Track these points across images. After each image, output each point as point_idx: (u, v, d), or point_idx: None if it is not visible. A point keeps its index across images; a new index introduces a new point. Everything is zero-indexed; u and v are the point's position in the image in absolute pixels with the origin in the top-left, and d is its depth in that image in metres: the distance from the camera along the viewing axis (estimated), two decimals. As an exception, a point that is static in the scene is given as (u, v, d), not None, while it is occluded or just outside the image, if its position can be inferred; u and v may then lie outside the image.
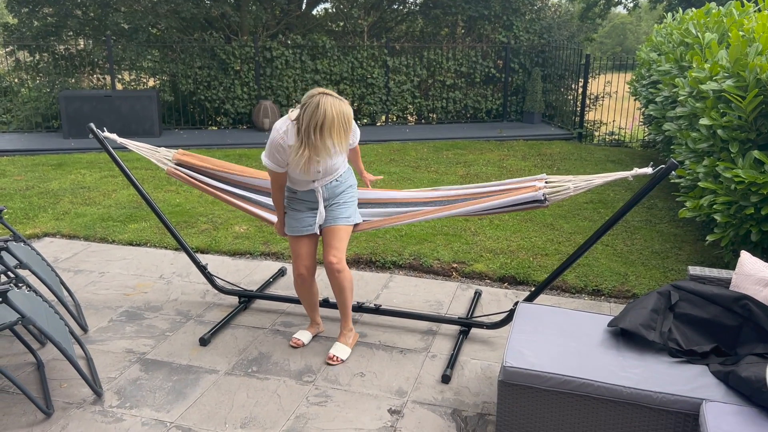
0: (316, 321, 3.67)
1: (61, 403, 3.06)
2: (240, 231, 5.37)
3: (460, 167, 7.61)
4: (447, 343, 3.63)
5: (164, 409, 3.01)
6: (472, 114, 10.94)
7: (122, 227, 5.45)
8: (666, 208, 6.00)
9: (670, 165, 2.90)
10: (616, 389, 2.47)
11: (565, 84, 10.27)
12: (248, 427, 2.88)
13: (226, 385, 3.21)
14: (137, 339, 3.65)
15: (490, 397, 3.13)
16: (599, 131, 10.65)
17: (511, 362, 2.62)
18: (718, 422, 2.24)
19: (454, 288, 4.35)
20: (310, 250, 3.43)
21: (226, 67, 9.99)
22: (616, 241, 5.13)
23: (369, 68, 10.29)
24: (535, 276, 4.46)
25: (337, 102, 2.95)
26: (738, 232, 3.84)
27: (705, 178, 4.16)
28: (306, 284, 3.47)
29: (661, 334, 2.74)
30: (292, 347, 3.56)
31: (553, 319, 2.99)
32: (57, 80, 9.97)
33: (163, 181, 6.90)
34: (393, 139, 9.27)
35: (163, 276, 4.52)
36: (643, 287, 4.28)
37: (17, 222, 5.56)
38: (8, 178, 7.04)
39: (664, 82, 5.96)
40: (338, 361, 3.41)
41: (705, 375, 2.55)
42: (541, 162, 7.89)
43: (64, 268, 4.66)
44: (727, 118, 3.95)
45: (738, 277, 2.87)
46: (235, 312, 3.92)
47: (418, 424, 2.91)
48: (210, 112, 10.27)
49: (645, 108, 7.42)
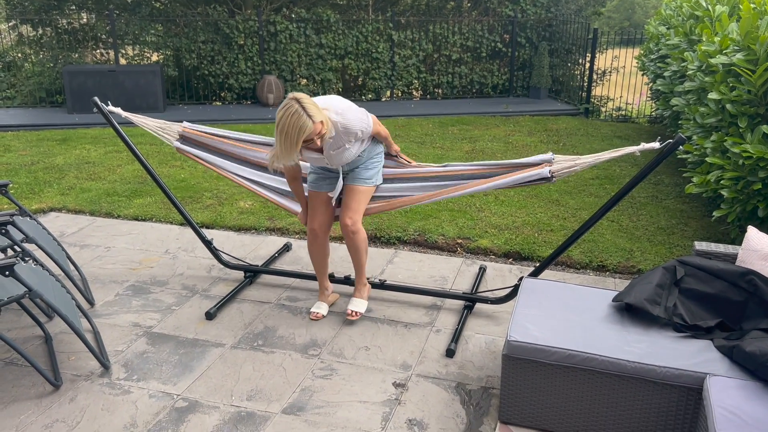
0: (325, 286, 3.70)
1: (69, 375, 3.09)
2: (245, 206, 5.38)
3: (466, 143, 7.57)
4: (451, 318, 3.64)
5: (171, 382, 3.04)
6: (477, 89, 10.85)
7: (127, 202, 5.46)
8: (672, 184, 5.96)
9: (677, 140, 2.87)
10: (620, 363, 2.48)
11: (572, 59, 10.16)
12: (254, 400, 2.91)
13: (232, 359, 3.23)
14: (143, 313, 3.68)
15: (494, 371, 3.15)
16: (606, 107, 10.56)
17: (516, 336, 2.63)
18: (722, 396, 2.25)
19: (459, 263, 4.35)
20: (326, 206, 3.47)
21: (229, 42, 9.91)
22: (622, 217, 5.12)
23: (374, 42, 10.19)
24: (540, 252, 4.46)
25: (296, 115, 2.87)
26: (745, 208, 3.82)
27: (713, 154, 4.12)
28: (318, 241, 3.48)
29: (666, 309, 2.74)
30: (312, 320, 3.59)
31: (558, 294, 3.00)
32: (60, 55, 9.92)
33: (167, 156, 6.89)
34: (398, 115, 9.21)
35: (169, 251, 4.54)
36: (648, 263, 4.27)
37: (23, 197, 5.58)
38: (13, 153, 7.04)
39: (673, 57, 5.88)
40: (357, 315, 3.54)
41: (709, 350, 2.55)
42: (547, 138, 7.84)
43: (70, 242, 4.68)
44: (737, 93, 3.90)
45: (744, 253, 2.86)
46: (241, 286, 3.93)
47: (422, 398, 2.94)
48: (214, 87, 10.22)
49: (653, 83, 7.35)
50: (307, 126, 2.87)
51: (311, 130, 2.89)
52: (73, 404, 2.87)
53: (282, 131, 2.90)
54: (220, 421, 2.77)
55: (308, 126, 2.88)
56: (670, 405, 2.47)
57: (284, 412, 2.83)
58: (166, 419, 2.78)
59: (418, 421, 2.79)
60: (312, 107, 2.91)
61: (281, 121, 2.90)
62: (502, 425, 2.73)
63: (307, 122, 2.87)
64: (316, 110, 2.93)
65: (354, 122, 3.15)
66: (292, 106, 2.88)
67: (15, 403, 2.88)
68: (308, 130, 2.88)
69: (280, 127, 2.91)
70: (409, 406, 2.88)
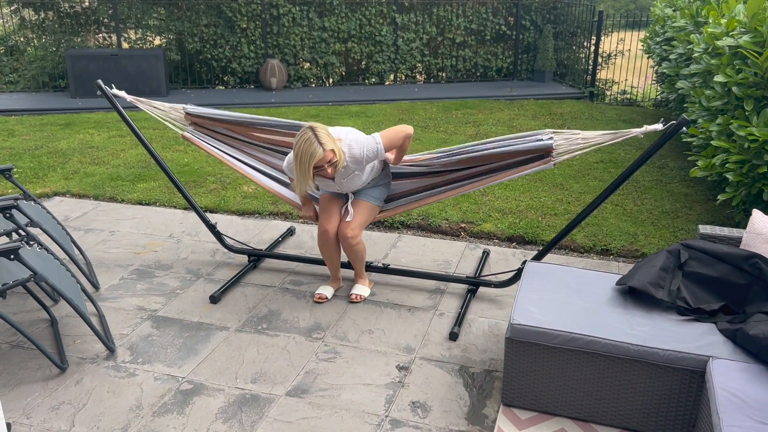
0: (337, 277, 3.75)
1: (75, 358, 3.11)
2: (248, 191, 5.38)
3: (470, 127, 7.54)
4: (455, 302, 3.65)
5: (176, 365, 3.06)
6: (482, 72, 10.79)
7: (131, 187, 5.46)
8: (677, 168, 5.94)
9: (681, 121, 2.86)
10: (624, 346, 2.49)
11: (577, 42, 10.08)
12: (259, 382, 2.93)
13: (236, 342, 3.25)
14: (148, 296, 3.70)
15: (497, 354, 3.16)
16: (611, 90, 10.49)
17: (519, 319, 2.63)
18: (725, 379, 2.25)
19: (462, 248, 4.35)
20: (339, 208, 3.56)
21: (232, 25, 9.86)
22: (626, 201, 5.10)
23: (377, 26, 10.12)
24: (543, 236, 4.45)
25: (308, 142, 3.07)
26: (750, 192, 3.81)
27: (718, 137, 4.10)
28: (330, 242, 3.53)
29: (670, 292, 2.74)
30: (316, 303, 3.61)
31: (561, 277, 3.00)
32: (62, 39, 9.88)
33: (171, 140, 6.89)
34: (401, 99, 9.17)
35: (173, 235, 4.55)
36: (652, 247, 4.27)
37: (27, 181, 5.59)
38: (17, 137, 7.04)
39: (679, 39, 5.83)
40: (361, 298, 3.63)
41: (712, 333, 2.55)
42: (552, 121, 7.81)
43: (74, 226, 4.69)
44: (743, 75, 3.87)
45: (749, 236, 2.85)
46: (245, 270, 3.94)
47: (425, 380, 2.95)
48: (217, 71, 10.18)
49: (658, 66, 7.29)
50: (317, 153, 3.07)
51: (320, 157, 3.08)
52: (79, 387, 2.90)
53: (296, 157, 3.12)
54: (224, 403, 2.80)
55: (318, 153, 3.07)
56: (673, 388, 2.48)
57: (288, 395, 2.85)
58: (172, 401, 2.81)
59: (421, 403, 2.80)
60: (324, 136, 3.10)
61: (296, 147, 3.12)
62: (505, 408, 2.75)
63: (318, 149, 3.06)
64: (328, 139, 3.11)
65: (362, 153, 3.29)
66: (306, 134, 3.10)
67: (22, 385, 2.91)
68: (318, 156, 3.07)
69: (295, 152, 3.12)
70: (412, 388, 2.90)
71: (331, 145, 3.11)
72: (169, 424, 2.67)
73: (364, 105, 8.87)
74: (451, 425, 2.67)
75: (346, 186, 3.48)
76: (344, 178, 3.43)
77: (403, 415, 2.73)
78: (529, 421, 2.67)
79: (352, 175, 3.41)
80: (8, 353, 3.16)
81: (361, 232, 3.49)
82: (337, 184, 3.47)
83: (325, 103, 8.96)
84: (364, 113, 8.25)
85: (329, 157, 3.11)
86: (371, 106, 8.72)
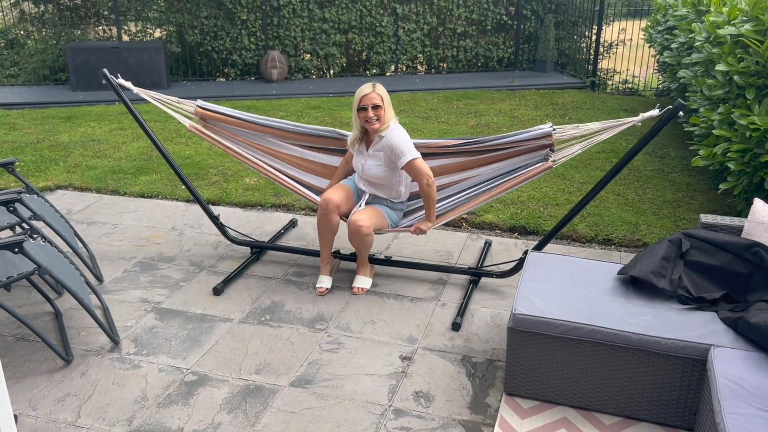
0: (326, 261, 3.71)
1: (80, 350, 3.13)
2: (250, 183, 5.38)
3: (471, 117, 7.53)
4: (457, 293, 3.66)
5: (180, 356, 3.08)
6: (483, 63, 10.75)
7: (133, 179, 5.47)
8: (679, 157, 5.93)
9: (677, 105, 2.86)
10: (625, 335, 2.50)
11: (579, 31, 10.04)
12: (263, 373, 2.95)
13: (240, 333, 3.27)
14: (152, 289, 3.71)
15: (499, 344, 3.18)
16: (613, 80, 10.46)
17: (521, 309, 2.64)
18: (726, 367, 2.27)
19: (464, 238, 4.36)
20: (347, 193, 3.61)
21: (232, 17, 9.83)
22: (628, 191, 5.10)
23: (378, 16, 10.09)
24: (545, 226, 4.46)
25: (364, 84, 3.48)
26: (752, 181, 3.81)
27: (720, 126, 4.10)
28: (328, 214, 3.53)
29: (671, 281, 2.75)
30: (319, 296, 3.61)
31: (563, 267, 3.01)
32: (63, 32, 9.87)
33: (172, 132, 6.89)
34: (403, 90, 9.15)
35: (176, 227, 4.56)
36: (654, 236, 4.27)
37: (29, 175, 5.60)
38: (19, 131, 7.05)
39: (681, 28, 5.81)
40: (362, 291, 3.64)
41: (714, 321, 2.56)
42: (553, 111, 7.79)
43: (77, 220, 4.70)
44: (745, 64, 3.86)
45: (750, 225, 2.85)
46: (248, 262, 3.96)
47: (428, 370, 2.97)
48: (218, 63, 10.16)
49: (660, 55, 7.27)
50: (366, 89, 3.43)
51: (367, 93, 3.41)
52: (84, 378, 2.92)
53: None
54: (229, 394, 2.82)
55: (366, 89, 3.42)
56: (674, 376, 2.50)
57: (292, 385, 2.87)
58: (176, 393, 2.83)
59: (424, 393, 2.82)
60: (381, 88, 3.44)
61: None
62: (508, 397, 2.77)
63: (368, 88, 3.42)
64: (383, 94, 3.44)
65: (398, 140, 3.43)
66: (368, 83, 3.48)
67: (27, 377, 2.93)
68: (365, 91, 3.42)
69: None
70: (415, 378, 2.92)
71: (382, 98, 3.41)
72: (174, 415, 2.70)
73: (365, 96, 8.85)
74: (453, 414, 2.69)
75: (366, 167, 3.54)
76: (372, 154, 3.52)
77: (406, 404, 2.75)
78: (531, 410, 2.69)
79: (376, 158, 3.51)
80: (14, 346, 3.18)
81: (373, 227, 3.51)
82: (363, 158, 3.57)
83: (326, 95, 8.94)
84: (365, 104, 8.24)
85: (375, 99, 3.40)
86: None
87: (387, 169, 3.52)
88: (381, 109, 3.42)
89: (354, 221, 3.46)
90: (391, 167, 3.51)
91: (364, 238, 3.49)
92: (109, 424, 2.64)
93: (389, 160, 3.48)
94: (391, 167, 3.51)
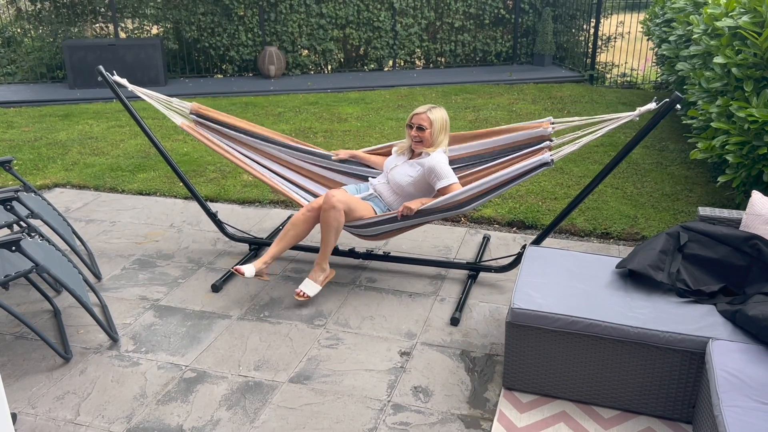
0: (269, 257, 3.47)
1: (79, 348, 3.13)
2: (248, 179, 5.38)
3: (469, 112, 7.52)
4: (455, 287, 3.66)
5: (179, 353, 3.08)
6: (481, 57, 10.73)
7: (131, 177, 5.47)
8: (677, 150, 5.93)
9: (673, 98, 2.86)
10: (624, 329, 2.50)
11: (577, 24, 10.02)
12: (262, 369, 2.95)
13: (239, 330, 3.27)
14: (150, 286, 3.71)
15: (498, 338, 3.18)
16: (611, 73, 10.44)
17: (519, 304, 2.64)
18: (724, 359, 2.27)
19: (463, 233, 4.36)
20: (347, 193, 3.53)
21: (229, 13, 9.80)
22: (626, 184, 5.10)
23: (375, 11, 10.06)
24: (543, 220, 4.46)
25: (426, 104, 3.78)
26: (750, 173, 3.80)
27: (718, 119, 4.09)
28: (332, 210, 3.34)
29: (669, 274, 2.75)
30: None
31: (561, 261, 3.00)
32: (60, 29, 9.84)
33: (170, 130, 6.88)
34: (401, 85, 9.14)
35: (174, 224, 4.56)
36: (652, 229, 4.27)
37: (27, 173, 5.59)
38: (16, 129, 7.04)
39: (679, 20, 5.80)
40: (304, 296, 3.41)
41: (712, 314, 2.56)
42: (552, 105, 7.78)
43: (75, 217, 4.70)
44: (742, 56, 3.85)
45: (748, 217, 2.85)
46: (246, 259, 3.96)
47: (427, 365, 2.97)
48: (215, 59, 10.14)
49: (658, 48, 7.25)
50: (420, 110, 3.51)
51: (420, 113, 3.49)
52: (83, 376, 2.92)
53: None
54: (228, 390, 2.82)
55: (421, 110, 3.50)
56: (673, 369, 2.50)
57: (291, 381, 2.87)
58: (175, 390, 2.83)
59: (423, 388, 2.82)
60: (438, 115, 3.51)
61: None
62: (506, 391, 2.77)
63: (423, 108, 3.51)
64: (436, 122, 3.49)
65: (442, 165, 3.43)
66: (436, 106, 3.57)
67: (27, 375, 2.93)
68: (418, 111, 3.51)
69: None
70: (414, 373, 2.92)
71: (431, 122, 3.48)
72: (173, 412, 2.70)
73: (363, 91, 8.84)
74: (452, 409, 2.69)
75: (398, 172, 3.55)
76: (407, 164, 3.54)
77: (405, 399, 2.75)
78: (530, 404, 2.69)
79: (412, 169, 3.51)
80: (12, 344, 3.18)
81: (345, 207, 3.35)
82: (399, 161, 3.60)
83: (324, 90, 8.93)
84: (363, 100, 8.23)
85: (422, 120, 3.48)
86: (370, 93, 8.69)
87: (413, 183, 3.50)
88: (425, 132, 3.47)
89: (328, 192, 3.38)
90: (418, 186, 3.50)
91: (324, 213, 3.33)
92: (109, 421, 2.65)
93: (423, 179, 3.47)
94: (418, 186, 3.50)
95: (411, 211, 3.38)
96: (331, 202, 3.34)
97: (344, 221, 3.40)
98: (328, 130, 6.78)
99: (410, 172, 3.52)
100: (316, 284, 3.47)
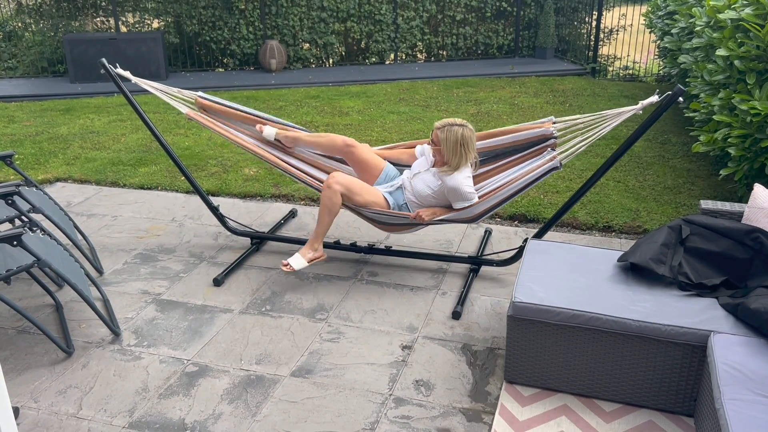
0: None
1: (81, 342, 3.14)
2: (250, 173, 5.37)
3: (471, 105, 7.50)
4: (457, 281, 3.66)
5: (181, 347, 3.09)
6: (483, 50, 10.70)
7: (133, 171, 5.47)
8: (680, 143, 5.91)
9: (676, 91, 2.85)
10: (625, 322, 2.50)
11: (579, 17, 9.98)
12: (263, 363, 2.96)
13: (240, 324, 3.27)
14: (152, 280, 3.71)
15: (499, 332, 3.18)
16: (613, 66, 10.40)
17: (521, 297, 2.64)
18: (726, 353, 2.26)
19: (464, 227, 4.35)
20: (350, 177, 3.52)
21: (230, 6, 9.78)
22: (628, 177, 5.09)
23: (376, 4, 10.03)
24: (545, 214, 4.45)
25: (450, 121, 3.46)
26: (752, 166, 3.79)
27: (720, 111, 4.07)
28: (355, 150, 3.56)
29: (671, 268, 2.75)
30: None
31: (563, 255, 3.00)
32: (60, 23, 9.83)
33: (171, 124, 6.87)
34: (402, 78, 9.12)
35: (175, 219, 4.56)
36: (654, 223, 4.26)
37: (28, 167, 5.59)
38: (17, 123, 7.03)
39: (681, 12, 5.77)
40: (289, 268, 3.42)
41: (714, 308, 2.56)
42: (554, 98, 7.76)
43: (77, 212, 4.70)
44: (745, 48, 3.83)
45: (750, 210, 2.84)
46: (248, 253, 3.96)
47: (429, 359, 2.97)
48: (216, 53, 10.12)
49: (660, 40, 7.23)
50: (438, 123, 3.43)
51: (435, 128, 3.43)
52: (85, 370, 2.93)
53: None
54: (230, 384, 2.82)
55: (438, 123, 3.43)
56: (674, 362, 2.50)
57: (293, 375, 2.87)
58: (177, 383, 2.83)
59: (425, 381, 2.83)
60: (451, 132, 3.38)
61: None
62: (508, 385, 2.77)
63: (441, 123, 3.42)
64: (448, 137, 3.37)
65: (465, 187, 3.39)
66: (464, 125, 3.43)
67: (29, 370, 2.94)
68: (437, 124, 3.43)
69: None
70: (416, 367, 2.92)
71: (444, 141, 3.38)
72: (175, 405, 2.70)
73: (364, 85, 8.82)
74: (454, 403, 2.69)
75: (419, 179, 3.51)
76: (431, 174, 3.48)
77: (406, 393, 2.75)
78: (531, 398, 2.69)
79: (434, 180, 3.45)
80: (15, 338, 3.18)
81: (343, 189, 3.39)
82: (424, 167, 3.55)
83: (326, 84, 8.91)
84: (365, 93, 8.21)
85: (435, 135, 3.42)
86: (372, 86, 8.67)
87: (432, 194, 3.48)
88: (437, 148, 3.43)
89: (332, 173, 3.44)
90: (438, 197, 3.48)
91: (323, 193, 3.40)
92: (111, 415, 2.65)
93: (442, 193, 3.46)
94: (438, 197, 3.48)
95: (422, 220, 3.45)
96: (328, 182, 3.41)
97: (340, 202, 3.43)
98: (330, 123, 6.77)
99: (431, 183, 3.48)
100: (303, 260, 3.48)
